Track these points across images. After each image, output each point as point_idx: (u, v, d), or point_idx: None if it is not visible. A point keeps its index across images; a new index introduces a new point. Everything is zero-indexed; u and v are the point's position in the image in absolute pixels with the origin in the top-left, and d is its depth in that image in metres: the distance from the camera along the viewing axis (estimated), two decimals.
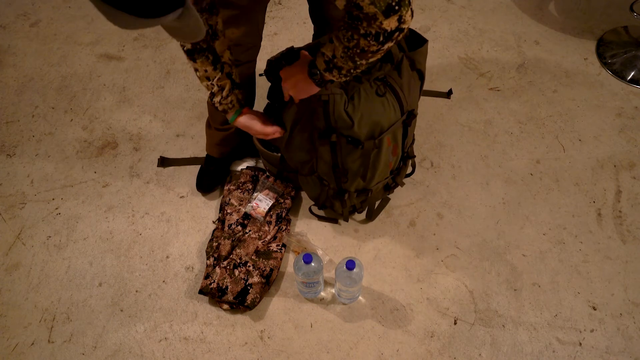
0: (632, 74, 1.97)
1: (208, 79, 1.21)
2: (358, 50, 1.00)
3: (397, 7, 0.89)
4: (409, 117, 1.34)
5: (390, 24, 0.93)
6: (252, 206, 1.54)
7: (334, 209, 1.52)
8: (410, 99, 1.32)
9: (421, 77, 1.34)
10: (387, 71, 1.26)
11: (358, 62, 1.04)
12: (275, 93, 1.35)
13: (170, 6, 0.75)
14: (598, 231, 1.56)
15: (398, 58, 1.26)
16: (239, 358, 1.35)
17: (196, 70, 1.20)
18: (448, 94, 1.91)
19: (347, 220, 1.58)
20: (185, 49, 1.15)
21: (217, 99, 1.26)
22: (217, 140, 1.62)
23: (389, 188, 1.54)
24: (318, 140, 1.29)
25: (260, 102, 1.54)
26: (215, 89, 1.23)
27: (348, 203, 1.48)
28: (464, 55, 2.07)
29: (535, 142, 1.78)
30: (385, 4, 0.89)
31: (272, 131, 1.32)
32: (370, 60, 1.02)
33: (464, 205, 1.62)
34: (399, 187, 1.59)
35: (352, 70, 1.06)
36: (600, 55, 2.05)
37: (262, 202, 1.55)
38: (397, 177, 1.52)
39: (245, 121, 1.32)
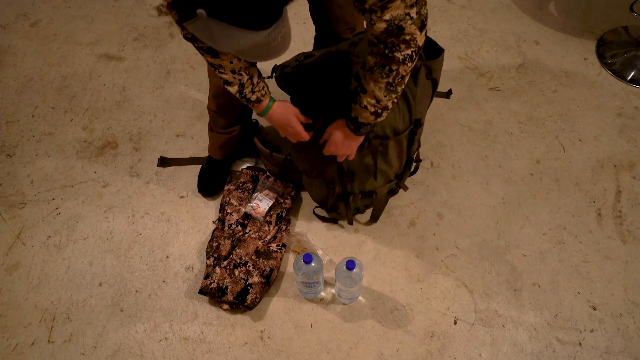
0: (632, 74, 1.97)
1: (234, 72, 1.13)
2: (399, 79, 1.00)
3: (426, 21, 0.90)
4: (416, 126, 1.35)
5: (422, 39, 0.94)
6: (252, 206, 1.54)
7: (337, 211, 1.52)
8: (420, 107, 1.33)
9: (434, 85, 1.35)
10: None
11: (399, 89, 1.04)
12: (296, 104, 1.30)
13: (273, 17, 0.76)
14: (598, 231, 1.56)
15: (416, 66, 1.25)
16: (239, 358, 1.35)
17: (220, 67, 1.13)
18: (448, 94, 1.91)
19: (350, 224, 1.57)
20: (202, 47, 1.08)
21: (248, 89, 1.17)
22: (221, 144, 1.62)
23: (393, 192, 1.54)
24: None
25: None
26: (245, 78, 1.15)
27: (352, 206, 1.48)
28: (464, 55, 2.07)
29: (535, 142, 1.78)
30: (420, 20, 0.90)
31: (306, 136, 1.27)
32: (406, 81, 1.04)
33: (464, 205, 1.62)
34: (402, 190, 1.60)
35: (395, 99, 1.06)
36: (600, 55, 2.05)
37: (262, 202, 1.55)
38: (400, 181, 1.52)
39: (282, 111, 1.22)
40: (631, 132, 1.80)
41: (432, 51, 1.30)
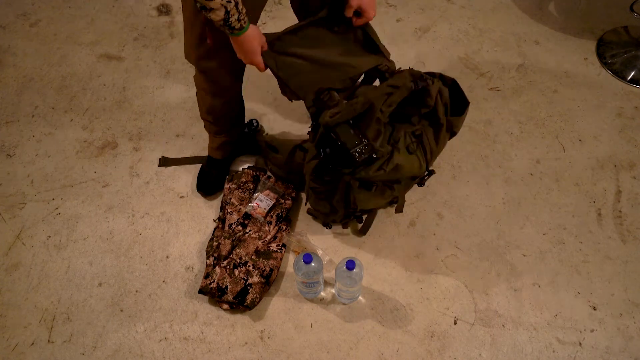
0: (632, 74, 1.97)
1: None
2: None
3: None
4: (429, 174, 1.43)
5: None
6: (252, 206, 1.54)
7: (335, 219, 1.53)
8: (435, 158, 1.39)
9: (452, 136, 1.39)
10: (424, 127, 1.31)
11: None
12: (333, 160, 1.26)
13: None
14: (598, 231, 1.56)
15: (441, 121, 1.30)
16: (239, 358, 1.35)
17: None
18: None
19: (345, 227, 1.57)
20: None
21: (234, 17, 1.08)
22: (218, 145, 1.63)
23: (391, 203, 1.54)
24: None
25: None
26: (231, 5, 1.06)
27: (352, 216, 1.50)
28: (464, 55, 2.07)
29: (535, 142, 1.78)
30: None
31: (263, 68, 1.23)
32: None
33: (464, 205, 1.62)
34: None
35: None
36: (601, 55, 2.05)
37: (262, 203, 1.55)
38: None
39: (254, 37, 1.17)
40: (631, 132, 1.79)
41: (459, 103, 1.33)
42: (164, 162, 1.75)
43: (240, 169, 1.68)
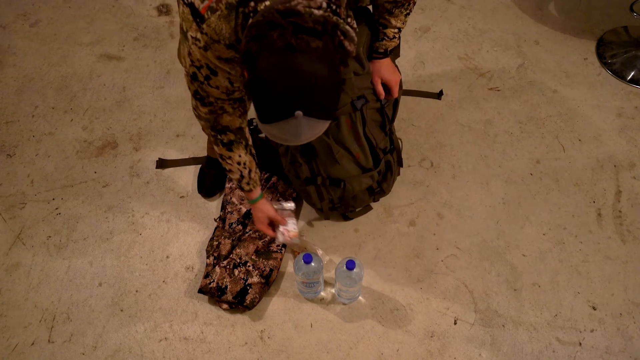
0: (632, 74, 1.97)
1: (239, 164, 1.24)
2: (412, 6, 1.28)
3: None
4: (359, 99, 1.34)
5: None
6: (281, 232, 1.43)
7: (311, 198, 1.50)
8: (363, 84, 1.34)
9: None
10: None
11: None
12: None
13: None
14: (598, 231, 1.56)
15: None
16: (239, 358, 1.35)
17: (229, 158, 1.22)
18: (439, 95, 1.91)
19: (327, 218, 1.57)
20: (222, 140, 1.18)
21: (244, 181, 1.28)
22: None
23: (373, 192, 1.54)
24: None
25: None
26: (246, 172, 1.26)
27: (324, 192, 1.46)
28: (464, 55, 2.07)
29: (535, 142, 1.78)
30: None
31: (272, 235, 1.41)
32: None
33: (464, 205, 1.62)
34: (395, 191, 1.59)
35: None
36: (600, 55, 2.05)
37: (290, 226, 1.45)
38: (383, 182, 1.52)
39: (261, 210, 1.37)
40: (631, 132, 1.80)
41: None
42: (161, 164, 1.75)
43: None
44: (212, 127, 1.18)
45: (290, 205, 1.46)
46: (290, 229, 1.42)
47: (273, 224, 1.42)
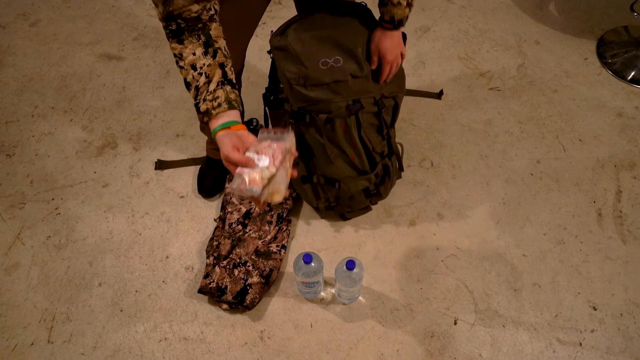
0: (633, 73, 1.97)
1: (194, 67, 0.93)
2: None
3: None
4: (359, 108, 1.31)
5: None
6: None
7: (307, 196, 1.51)
8: (361, 87, 1.30)
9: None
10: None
11: None
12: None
13: None
14: (598, 231, 1.56)
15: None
16: (239, 358, 1.35)
17: (180, 57, 0.94)
18: (439, 95, 1.91)
19: (323, 218, 1.57)
20: (170, 28, 0.93)
21: (201, 96, 0.93)
22: (215, 146, 1.62)
23: (369, 195, 1.53)
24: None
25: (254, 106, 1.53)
26: (202, 80, 0.93)
27: (320, 191, 1.46)
28: (464, 55, 2.07)
29: (535, 142, 1.78)
30: None
31: (237, 163, 0.92)
32: None
33: (464, 205, 1.62)
34: (395, 191, 1.59)
35: None
36: (601, 55, 2.05)
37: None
38: (380, 185, 1.52)
39: (228, 143, 0.92)
40: (631, 132, 1.79)
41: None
42: (160, 165, 1.74)
43: None
44: (162, 16, 0.93)
45: (282, 135, 0.97)
46: (254, 173, 0.90)
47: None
